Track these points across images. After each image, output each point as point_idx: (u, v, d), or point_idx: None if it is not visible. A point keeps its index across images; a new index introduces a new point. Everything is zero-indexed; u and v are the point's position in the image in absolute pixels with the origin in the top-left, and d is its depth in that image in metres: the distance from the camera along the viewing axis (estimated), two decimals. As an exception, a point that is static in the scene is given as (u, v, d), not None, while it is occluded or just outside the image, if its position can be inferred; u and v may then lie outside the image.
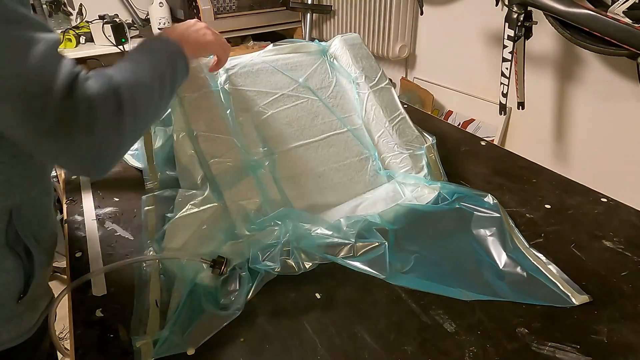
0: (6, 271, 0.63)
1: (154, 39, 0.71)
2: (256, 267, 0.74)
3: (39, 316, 0.70)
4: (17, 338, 0.66)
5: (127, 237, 0.87)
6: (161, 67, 0.66)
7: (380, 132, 1.03)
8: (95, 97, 0.51)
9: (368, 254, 0.78)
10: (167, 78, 0.66)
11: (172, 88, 0.68)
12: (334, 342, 0.65)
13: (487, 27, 1.87)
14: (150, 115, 0.63)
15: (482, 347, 0.64)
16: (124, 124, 0.55)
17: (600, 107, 1.59)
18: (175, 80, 0.69)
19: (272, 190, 0.87)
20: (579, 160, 1.72)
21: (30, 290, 0.66)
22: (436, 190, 0.94)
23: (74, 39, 2.30)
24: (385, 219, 0.86)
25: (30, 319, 0.68)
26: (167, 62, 0.68)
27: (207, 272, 0.73)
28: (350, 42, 1.11)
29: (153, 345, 0.63)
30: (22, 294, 0.65)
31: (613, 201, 0.96)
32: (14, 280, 0.64)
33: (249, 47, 2.68)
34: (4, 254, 0.62)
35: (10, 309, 0.65)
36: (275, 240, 0.77)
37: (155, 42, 0.70)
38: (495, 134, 1.92)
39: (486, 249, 0.82)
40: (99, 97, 0.52)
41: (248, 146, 0.89)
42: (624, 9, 1.25)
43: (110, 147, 0.54)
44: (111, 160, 0.57)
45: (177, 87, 0.71)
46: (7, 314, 0.65)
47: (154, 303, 0.71)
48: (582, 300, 0.71)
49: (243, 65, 0.98)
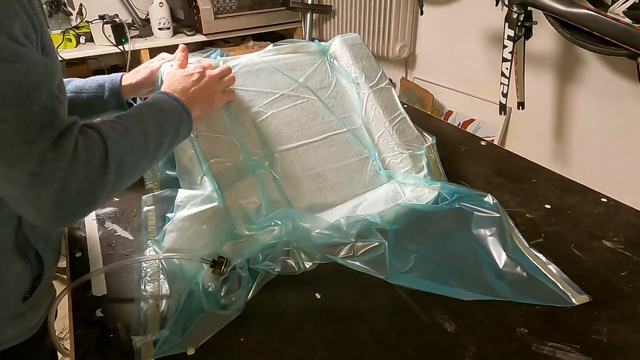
0: (14, 275, 0.63)
1: (165, 100, 0.70)
2: (256, 267, 0.74)
3: (43, 313, 0.70)
4: (22, 335, 0.67)
5: (127, 237, 0.87)
6: (164, 131, 0.65)
7: (380, 132, 1.03)
8: (79, 158, 0.50)
9: (368, 254, 0.78)
10: (165, 142, 0.66)
11: (168, 150, 0.69)
12: (334, 342, 0.65)
13: (487, 27, 1.87)
14: (133, 178, 0.62)
15: (482, 347, 0.64)
16: (103, 189, 0.53)
17: (600, 107, 1.59)
18: (173, 144, 0.70)
19: (272, 190, 0.87)
20: (579, 160, 1.72)
21: (37, 290, 0.66)
22: (436, 190, 0.94)
23: (74, 39, 2.30)
24: (385, 219, 0.86)
25: (35, 316, 0.69)
26: (172, 127, 0.68)
27: (207, 272, 0.73)
28: (350, 42, 1.11)
29: (153, 345, 0.63)
30: (28, 294, 0.65)
31: (613, 201, 0.96)
32: (21, 282, 0.64)
33: (249, 47, 2.68)
34: (12, 259, 0.62)
35: (15, 308, 0.65)
36: (275, 240, 0.77)
37: (165, 103, 0.70)
38: (495, 134, 1.92)
39: (486, 249, 0.82)
40: (84, 158, 0.50)
41: (248, 146, 0.89)
42: (624, 9, 1.25)
43: (79, 207, 0.52)
44: (75, 218, 0.54)
45: (174, 147, 0.72)
46: (13, 312, 0.65)
47: (154, 303, 0.71)
48: (582, 300, 0.71)
49: (243, 65, 0.98)
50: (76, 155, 0.50)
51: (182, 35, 2.53)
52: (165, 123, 0.67)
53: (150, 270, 0.76)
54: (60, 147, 0.49)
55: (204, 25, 2.44)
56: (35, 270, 0.66)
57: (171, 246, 0.75)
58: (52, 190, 0.48)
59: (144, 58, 2.42)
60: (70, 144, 0.50)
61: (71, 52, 2.25)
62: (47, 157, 0.48)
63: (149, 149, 0.62)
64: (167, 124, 0.67)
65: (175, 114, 0.70)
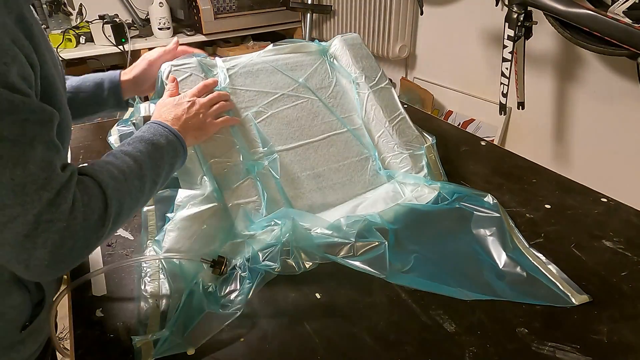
0: (12, 307, 0.61)
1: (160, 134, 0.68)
2: (256, 267, 0.74)
3: (43, 338, 0.69)
4: None
5: (127, 237, 0.87)
6: (160, 170, 0.65)
7: (380, 132, 1.03)
8: (76, 217, 0.48)
9: (368, 254, 0.78)
10: (160, 181, 0.65)
11: (162, 184, 0.68)
12: (334, 342, 0.65)
13: (487, 27, 1.87)
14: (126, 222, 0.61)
15: (482, 347, 0.64)
16: (98, 241, 0.52)
17: (600, 107, 1.59)
18: (166, 180, 0.69)
19: (272, 190, 0.87)
20: (579, 160, 1.72)
21: (38, 317, 0.65)
22: (436, 190, 0.94)
23: (74, 39, 2.30)
24: (385, 218, 0.86)
25: (35, 342, 0.67)
26: (167, 163, 0.67)
27: (207, 272, 0.73)
28: (350, 42, 1.11)
29: (153, 345, 0.63)
30: (28, 322, 0.64)
31: (613, 201, 0.96)
32: (19, 313, 0.62)
33: (249, 47, 2.68)
34: (8, 291, 0.60)
35: (12, 338, 0.63)
36: (275, 240, 0.77)
37: (161, 137, 0.68)
38: (495, 134, 1.92)
39: (486, 249, 0.82)
40: (81, 216, 0.48)
41: (248, 146, 0.89)
42: (624, 9, 1.25)
43: (72, 261, 0.51)
44: (67, 270, 0.53)
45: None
46: (9, 342, 0.63)
47: (154, 303, 0.71)
48: (582, 300, 0.71)
49: (243, 65, 0.98)
50: (73, 213, 0.48)
51: (182, 35, 2.53)
52: (161, 161, 0.65)
53: (150, 270, 0.76)
54: (57, 207, 0.46)
55: (204, 25, 2.44)
56: (36, 298, 0.64)
57: (171, 246, 0.75)
58: (46, 251, 0.46)
59: (144, 58, 2.42)
60: (68, 203, 0.47)
61: (71, 52, 2.26)
62: (43, 219, 0.45)
63: (144, 191, 0.61)
64: (163, 160, 0.66)
65: (170, 148, 0.69)
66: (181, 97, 0.80)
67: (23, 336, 0.64)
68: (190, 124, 0.76)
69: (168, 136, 0.69)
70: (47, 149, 0.47)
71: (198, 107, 0.79)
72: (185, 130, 0.74)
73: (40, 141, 0.47)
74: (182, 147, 0.71)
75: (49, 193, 0.46)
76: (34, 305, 0.64)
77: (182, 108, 0.77)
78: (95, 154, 1.16)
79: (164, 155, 0.66)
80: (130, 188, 0.57)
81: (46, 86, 0.52)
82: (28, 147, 0.45)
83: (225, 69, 0.95)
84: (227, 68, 0.95)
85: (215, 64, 0.96)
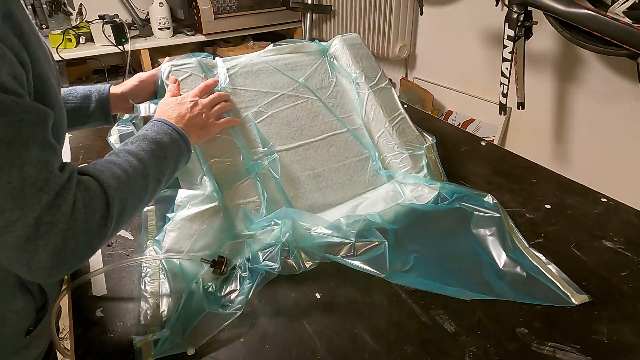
0: (15, 312, 0.60)
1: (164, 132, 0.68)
2: (256, 267, 0.74)
3: (46, 342, 0.69)
4: None
5: (127, 237, 0.87)
6: (163, 168, 0.64)
7: (380, 132, 1.03)
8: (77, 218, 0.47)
9: (368, 253, 0.78)
10: (164, 180, 0.65)
11: (164, 187, 0.67)
12: (334, 342, 0.65)
13: (487, 27, 1.87)
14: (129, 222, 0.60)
15: (482, 347, 0.64)
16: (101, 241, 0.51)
17: (600, 107, 1.59)
18: (170, 179, 0.68)
19: (272, 190, 0.87)
20: (579, 160, 1.72)
21: (42, 321, 0.65)
22: (436, 190, 0.94)
23: (74, 39, 2.30)
24: (385, 218, 0.86)
25: (38, 347, 0.67)
26: (171, 162, 0.67)
27: (207, 272, 0.73)
28: (350, 42, 1.11)
29: (153, 345, 0.63)
30: (32, 327, 0.63)
31: (613, 201, 0.96)
32: (23, 318, 0.62)
33: (249, 47, 2.68)
34: (12, 296, 0.59)
35: (17, 343, 0.62)
36: (275, 240, 0.77)
37: (165, 135, 0.67)
38: (495, 134, 1.92)
39: (486, 249, 0.82)
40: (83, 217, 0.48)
41: (248, 146, 0.89)
42: (624, 9, 1.25)
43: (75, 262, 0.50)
44: (70, 271, 0.53)
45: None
46: (14, 348, 0.62)
47: (154, 303, 0.71)
48: (582, 300, 0.71)
49: (243, 65, 0.98)
50: (74, 214, 0.47)
51: (182, 35, 2.53)
52: (165, 159, 0.65)
53: (150, 270, 0.76)
54: (58, 209, 0.46)
55: (204, 25, 2.44)
56: (39, 302, 0.64)
57: (171, 246, 0.75)
58: (48, 253, 0.46)
59: (144, 58, 2.43)
60: (69, 205, 0.47)
61: (71, 52, 2.25)
62: (43, 221, 0.45)
63: (147, 190, 0.60)
64: (167, 159, 0.65)
65: (174, 146, 0.68)
66: (184, 97, 0.80)
67: (27, 341, 0.64)
68: (194, 123, 0.76)
69: (172, 134, 0.69)
70: (43, 149, 0.47)
71: (201, 107, 0.79)
72: (189, 128, 0.74)
73: (36, 142, 0.46)
74: (186, 146, 0.71)
75: (48, 195, 0.46)
76: (37, 310, 0.64)
77: (185, 107, 0.77)
78: (95, 154, 1.16)
79: (167, 154, 0.66)
80: (133, 187, 0.57)
81: (39, 84, 0.51)
82: (23, 148, 0.45)
83: (225, 69, 0.95)
84: (227, 68, 0.96)
85: (215, 64, 0.96)
